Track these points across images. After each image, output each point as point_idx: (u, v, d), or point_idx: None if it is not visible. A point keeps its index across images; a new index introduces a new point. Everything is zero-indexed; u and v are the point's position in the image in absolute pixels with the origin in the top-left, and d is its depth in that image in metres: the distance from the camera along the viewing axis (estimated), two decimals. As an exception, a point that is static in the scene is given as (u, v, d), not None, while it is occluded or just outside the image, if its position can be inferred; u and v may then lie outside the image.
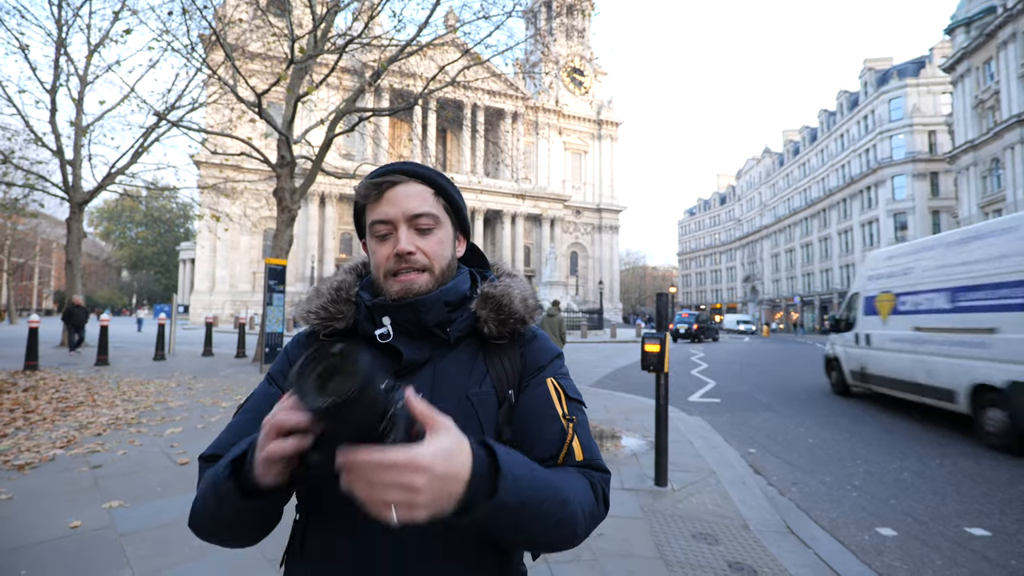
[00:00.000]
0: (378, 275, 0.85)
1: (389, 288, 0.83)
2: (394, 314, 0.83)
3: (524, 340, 0.90)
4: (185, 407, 7.09)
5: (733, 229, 77.46)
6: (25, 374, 9.79)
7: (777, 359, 19.01)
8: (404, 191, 0.83)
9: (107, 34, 14.88)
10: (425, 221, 0.83)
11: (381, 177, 0.83)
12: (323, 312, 0.87)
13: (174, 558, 2.87)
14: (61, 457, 4.66)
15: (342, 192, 44.80)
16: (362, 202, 0.86)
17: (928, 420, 7.54)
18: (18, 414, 6.28)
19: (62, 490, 3.88)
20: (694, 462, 5.11)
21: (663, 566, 2.97)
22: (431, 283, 0.84)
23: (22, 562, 2.78)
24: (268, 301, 11.08)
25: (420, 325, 0.84)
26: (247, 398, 0.89)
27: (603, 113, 59.35)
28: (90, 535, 3.14)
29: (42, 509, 3.50)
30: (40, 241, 52.91)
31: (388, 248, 0.83)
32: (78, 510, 3.47)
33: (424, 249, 0.83)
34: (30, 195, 16.97)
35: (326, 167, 15.62)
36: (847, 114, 49.73)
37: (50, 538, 3.08)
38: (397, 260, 0.82)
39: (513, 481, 0.63)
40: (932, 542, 3.54)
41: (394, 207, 0.82)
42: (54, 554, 2.89)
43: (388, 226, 0.83)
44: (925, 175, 41.29)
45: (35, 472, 4.26)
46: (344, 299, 0.88)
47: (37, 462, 4.48)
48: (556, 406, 0.84)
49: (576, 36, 58.50)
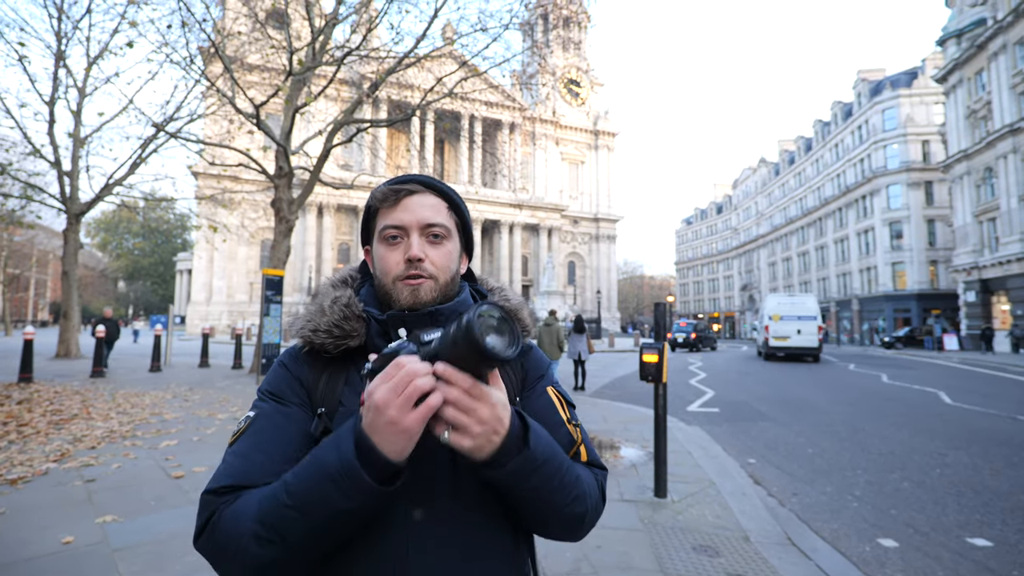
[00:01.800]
0: (385, 280, 0.86)
1: (399, 293, 0.84)
2: (411, 325, 0.83)
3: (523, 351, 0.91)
4: (181, 419, 7.03)
5: (730, 238, 77.77)
6: (19, 386, 9.71)
7: (774, 367, 19.00)
8: (420, 200, 0.85)
9: (106, 47, 14.96)
10: (437, 231, 0.85)
11: (400, 184, 0.85)
12: (336, 331, 0.83)
13: (167, 573, 2.83)
14: (54, 471, 4.61)
15: (340, 202, 44.91)
16: (377, 205, 0.87)
17: (926, 431, 7.54)
18: (11, 427, 6.22)
19: (55, 504, 3.83)
20: (693, 473, 5.08)
21: (663, 579, 2.94)
22: (434, 291, 0.85)
23: (13, 579, 2.74)
24: (265, 312, 11.04)
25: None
26: (248, 423, 0.81)
27: (600, 124, 59.78)
28: (83, 550, 3.09)
29: (35, 524, 3.45)
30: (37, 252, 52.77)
31: (398, 254, 0.84)
32: (71, 525, 3.43)
33: (433, 258, 0.85)
34: (27, 206, 16.96)
35: (324, 178, 15.64)
36: (841, 124, 50.17)
37: (42, 554, 3.03)
38: (408, 265, 0.83)
39: (538, 439, 0.73)
40: (934, 553, 3.51)
41: (409, 214, 0.84)
42: (46, 570, 2.84)
43: (401, 231, 0.84)
44: (920, 184, 41.58)
45: (28, 486, 4.20)
46: (355, 315, 0.85)
47: (30, 476, 4.43)
48: (560, 413, 0.90)
49: (573, 48, 59.12)
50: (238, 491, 0.73)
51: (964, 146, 31.55)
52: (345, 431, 0.68)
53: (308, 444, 0.78)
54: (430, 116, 31.99)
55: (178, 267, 61.52)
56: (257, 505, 0.69)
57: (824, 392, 11.83)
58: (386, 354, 0.69)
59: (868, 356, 27.30)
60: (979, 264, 30.09)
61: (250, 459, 0.76)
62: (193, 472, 4.64)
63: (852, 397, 11.02)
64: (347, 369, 0.84)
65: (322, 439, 0.75)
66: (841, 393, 11.67)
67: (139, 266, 76.46)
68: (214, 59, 12.63)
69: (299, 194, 13.35)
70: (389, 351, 0.69)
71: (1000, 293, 29.62)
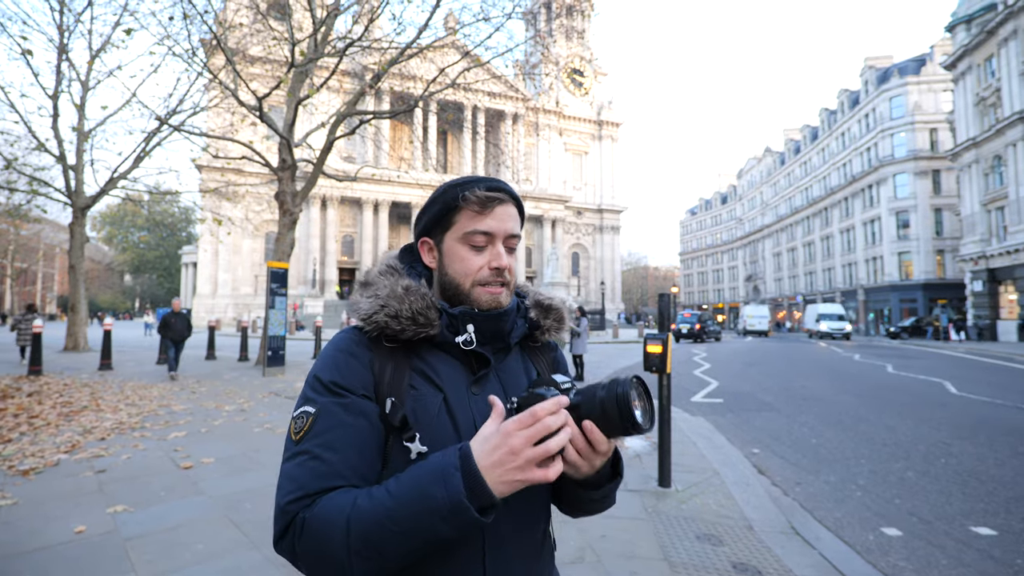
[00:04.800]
0: (462, 280, 0.88)
1: (477, 297, 0.88)
2: (479, 323, 0.87)
3: (552, 346, 1.04)
4: (189, 411, 7.11)
5: (735, 228, 77.37)
6: (29, 379, 9.82)
7: (780, 357, 18.98)
8: (506, 211, 0.89)
9: (108, 39, 14.95)
10: (514, 242, 0.91)
11: (494, 192, 0.88)
12: (420, 319, 0.84)
13: (179, 562, 2.87)
14: (65, 462, 4.67)
15: (343, 195, 44.89)
16: (462, 205, 0.87)
17: (931, 420, 7.53)
18: (22, 419, 6.30)
19: (67, 495, 3.89)
20: (698, 463, 5.10)
21: (667, 567, 2.96)
22: (509, 296, 0.92)
23: (27, 568, 2.79)
24: (271, 304, 11.09)
25: (499, 333, 0.90)
26: (312, 419, 0.79)
27: (603, 114, 59.34)
28: (95, 540, 3.14)
29: (47, 514, 3.51)
30: (43, 246, 53.08)
31: (483, 259, 0.88)
32: (83, 515, 3.48)
33: (511, 267, 0.91)
34: (33, 200, 17.05)
35: (327, 170, 15.62)
36: (848, 112, 49.65)
37: (55, 543, 3.08)
38: (493, 273, 0.88)
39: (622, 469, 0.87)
40: (937, 541, 3.52)
41: (499, 223, 0.88)
42: (59, 560, 2.89)
43: (488, 238, 0.88)
44: (927, 173, 41.18)
45: (40, 477, 4.27)
46: (433, 305, 0.86)
47: (41, 467, 4.50)
48: None
49: (576, 37, 58.56)
50: (317, 495, 0.74)
51: (973, 134, 31.17)
52: (450, 463, 0.69)
53: (378, 435, 0.80)
54: (433, 107, 31.86)
55: (183, 260, 61.80)
56: (352, 519, 0.70)
57: (829, 382, 11.82)
58: (536, 394, 0.73)
59: (873, 346, 27.21)
60: (987, 253, 29.84)
61: (324, 460, 0.76)
62: (202, 463, 4.69)
63: (857, 387, 11.00)
64: (409, 356, 0.86)
65: (399, 429, 0.79)
66: (846, 383, 11.66)
67: (144, 259, 76.90)
68: (216, 51, 12.59)
69: (303, 187, 13.36)
70: (538, 393, 0.73)
71: (1008, 282, 29.38)
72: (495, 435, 0.68)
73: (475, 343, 0.87)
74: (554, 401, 0.69)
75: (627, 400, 0.67)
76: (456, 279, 0.89)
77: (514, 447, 0.66)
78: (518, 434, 0.67)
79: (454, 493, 0.66)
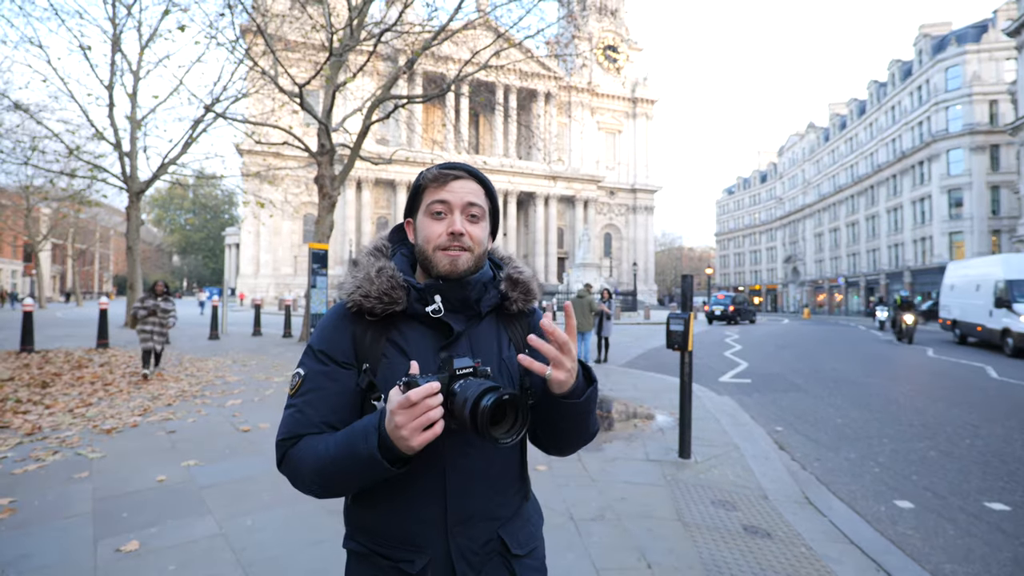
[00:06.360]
0: (426, 248, 1.01)
1: (438, 261, 1.00)
2: (444, 292, 1.00)
3: (530, 313, 1.14)
4: (242, 382, 7.70)
5: (774, 208, 74.88)
6: (99, 351, 10.71)
7: (814, 340, 18.65)
8: (464, 185, 1.01)
9: (156, 30, 15.62)
10: (476, 212, 1.02)
11: (450, 170, 1.02)
12: (386, 298, 0.98)
13: (247, 507, 3.30)
14: (140, 423, 5.24)
15: (378, 177, 45.66)
16: (425, 184, 1.03)
17: (964, 404, 7.45)
18: (99, 386, 6.99)
19: (145, 450, 4.41)
20: (719, 438, 5.29)
21: (681, 527, 3.22)
22: (470, 262, 1.01)
23: (123, 506, 3.27)
24: (312, 284, 11.65)
25: (463, 301, 1.02)
26: (300, 380, 0.99)
27: (637, 91, 58.00)
28: (175, 487, 3.62)
29: (132, 465, 4.02)
30: (100, 228, 56.10)
31: (442, 227, 1.00)
32: (162, 467, 3.98)
33: (471, 233, 1.01)
34: (92, 185, 18.16)
35: (363, 153, 16.06)
36: (899, 85, 47.00)
37: (143, 488, 3.57)
38: (449, 238, 0.99)
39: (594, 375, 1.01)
40: (949, 515, 3.65)
41: (454, 195, 1.00)
42: (147, 502, 3.37)
43: (445, 207, 1.00)
44: (984, 148, 38.82)
45: (120, 435, 4.83)
46: (399, 285, 0.99)
47: (121, 427, 5.07)
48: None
49: (609, 14, 57.11)
50: (297, 438, 0.96)
51: (1036, 106, 29.21)
52: (372, 426, 0.86)
53: (351, 395, 0.99)
54: (465, 90, 31.89)
55: (227, 241, 64.26)
56: (313, 459, 0.91)
57: (861, 365, 11.67)
58: (410, 380, 0.83)
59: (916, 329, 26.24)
60: (1047, 233, 28.20)
61: (304, 413, 0.97)
62: (259, 427, 5.17)
63: (892, 370, 10.85)
64: (387, 327, 1.01)
65: (367, 390, 0.97)
66: (880, 366, 11.49)
67: (191, 241, 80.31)
68: (256, 38, 13.02)
69: (340, 170, 13.81)
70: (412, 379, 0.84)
71: (1068, 264, 27.72)
72: (391, 406, 0.82)
73: (443, 311, 0.99)
74: (427, 387, 0.81)
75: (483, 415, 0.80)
76: (423, 246, 1.02)
77: (398, 422, 0.80)
78: (399, 412, 0.80)
79: (372, 448, 0.84)
